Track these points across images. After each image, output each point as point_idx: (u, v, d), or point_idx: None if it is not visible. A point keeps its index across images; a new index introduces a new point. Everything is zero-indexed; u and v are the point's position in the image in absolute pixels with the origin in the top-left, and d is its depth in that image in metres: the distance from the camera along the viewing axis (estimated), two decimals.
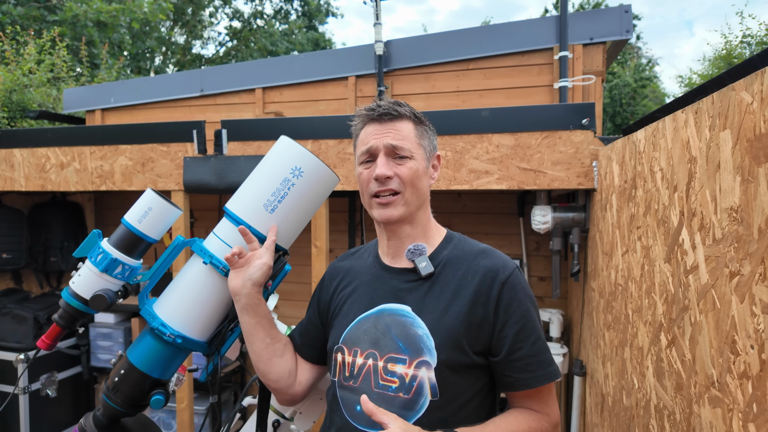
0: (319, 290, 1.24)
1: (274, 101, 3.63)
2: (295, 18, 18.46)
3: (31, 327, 2.94)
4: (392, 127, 1.06)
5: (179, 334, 1.10)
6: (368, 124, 1.09)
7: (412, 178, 1.05)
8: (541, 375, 1.01)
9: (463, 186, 2.11)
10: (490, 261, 1.07)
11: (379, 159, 1.05)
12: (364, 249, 1.25)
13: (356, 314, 1.10)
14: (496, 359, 1.02)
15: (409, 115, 1.08)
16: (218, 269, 1.11)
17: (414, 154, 1.06)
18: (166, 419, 3.00)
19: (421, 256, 1.06)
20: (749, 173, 0.70)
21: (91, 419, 1.12)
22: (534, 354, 1.02)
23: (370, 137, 1.07)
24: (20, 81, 6.24)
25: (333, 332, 1.14)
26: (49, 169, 2.65)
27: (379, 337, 1.04)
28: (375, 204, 1.07)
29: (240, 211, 1.12)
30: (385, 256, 1.14)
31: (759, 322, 0.67)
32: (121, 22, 10.95)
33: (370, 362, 1.03)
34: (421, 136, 1.10)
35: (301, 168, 1.11)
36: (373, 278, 1.13)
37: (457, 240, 1.15)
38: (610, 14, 3.00)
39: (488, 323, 1.02)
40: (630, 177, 1.39)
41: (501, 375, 1.04)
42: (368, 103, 1.13)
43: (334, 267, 1.24)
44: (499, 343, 1.02)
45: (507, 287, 1.03)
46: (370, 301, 1.10)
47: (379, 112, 1.07)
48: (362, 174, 1.08)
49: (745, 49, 11.99)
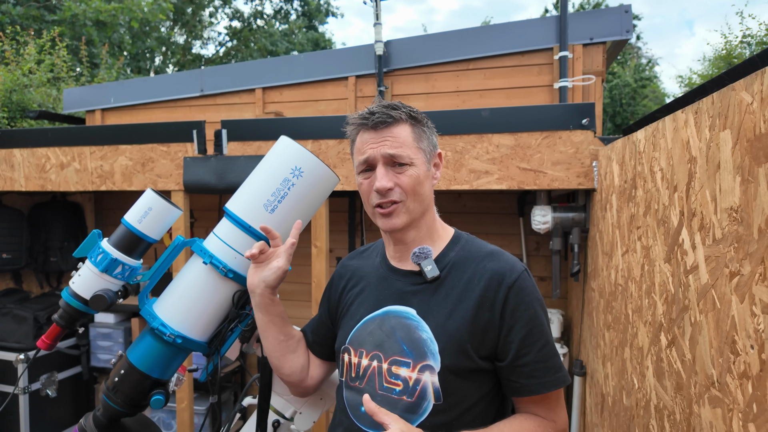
0: (328, 289, 1.24)
1: (274, 101, 3.63)
2: (295, 18, 18.46)
3: (31, 327, 2.94)
4: (389, 134, 1.02)
5: (179, 334, 1.10)
6: (364, 131, 1.05)
7: (414, 186, 1.02)
8: (548, 381, 0.99)
9: (463, 186, 2.11)
10: (497, 264, 1.04)
11: (378, 170, 1.02)
12: (372, 248, 1.24)
13: (362, 315, 1.10)
14: (502, 364, 1.01)
15: (405, 119, 1.04)
16: (218, 269, 1.11)
17: (413, 159, 1.02)
18: (166, 419, 3.00)
19: (426, 260, 1.05)
20: (749, 173, 0.70)
21: (91, 419, 1.12)
22: (541, 360, 0.99)
23: (366, 146, 1.03)
24: (20, 81, 6.25)
25: (341, 332, 1.14)
26: (49, 169, 2.65)
27: (384, 339, 1.04)
28: (378, 214, 1.05)
29: (240, 211, 1.12)
30: (392, 258, 1.14)
31: (759, 322, 0.67)
32: (120, 21, 10.95)
33: (375, 364, 1.03)
34: (419, 139, 1.05)
35: (301, 168, 1.11)
36: (380, 279, 1.13)
37: (465, 241, 1.12)
38: (610, 14, 3.00)
39: (494, 328, 1.00)
40: (630, 177, 1.39)
41: (507, 380, 1.02)
42: (368, 104, 1.12)
43: (343, 266, 1.24)
44: (505, 348, 1.00)
45: (513, 291, 1.01)
46: (376, 303, 1.09)
47: (374, 121, 1.02)
48: (363, 184, 1.06)
49: (745, 49, 11.99)
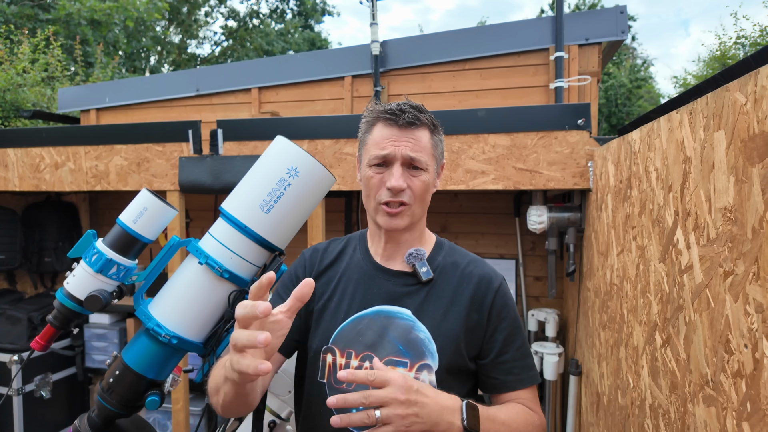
0: (294, 280, 1.16)
1: (270, 101, 3.62)
2: (291, 17, 18.43)
3: (25, 328, 2.92)
4: (411, 136, 1.02)
5: (174, 334, 1.10)
6: (386, 125, 1.03)
7: (423, 192, 1.04)
8: (525, 378, 1.06)
9: (460, 186, 2.11)
10: (481, 270, 1.11)
11: (395, 169, 1.01)
12: (346, 242, 1.19)
13: (348, 314, 1.08)
14: (484, 362, 1.06)
15: (428, 124, 1.04)
16: (214, 270, 1.10)
17: (428, 166, 1.03)
18: (162, 420, 2.99)
19: (421, 261, 1.07)
20: (743, 173, 0.70)
21: (85, 420, 1.12)
22: (519, 358, 1.07)
23: (387, 142, 1.02)
24: (14, 80, 6.20)
25: (319, 331, 1.09)
26: (43, 169, 2.63)
27: (376, 339, 1.03)
28: (382, 211, 1.04)
29: (236, 211, 1.12)
30: (378, 256, 1.12)
31: (752, 322, 0.67)
32: (115, 20, 10.90)
33: (367, 365, 1.02)
34: (436, 146, 1.06)
35: (297, 168, 1.11)
36: (365, 277, 1.10)
37: (448, 247, 1.16)
38: (605, 15, 3.01)
39: (481, 328, 1.05)
40: (625, 177, 1.40)
41: (486, 377, 1.07)
42: (365, 104, 1.11)
43: (311, 258, 1.17)
44: (489, 346, 1.06)
45: (499, 294, 1.08)
46: (363, 302, 1.07)
47: (404, 120, 1.01)
48: (373, 178, 1.03)
49: (739, 50, 12.07)
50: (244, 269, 1.14)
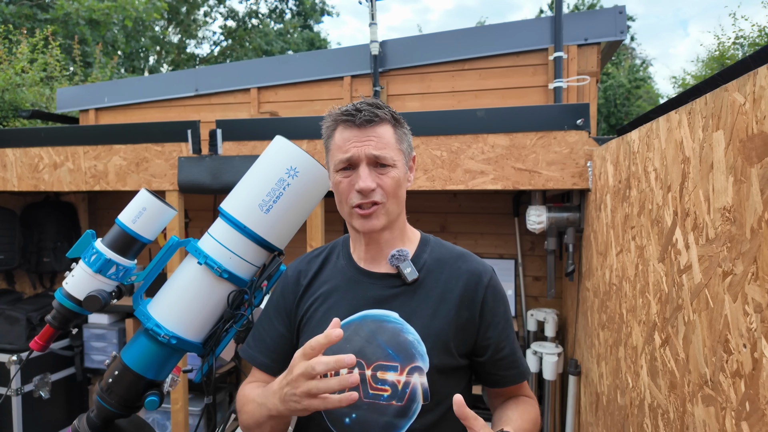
0: (281, 300, 1.13)
1: (270, 101, 3.62)
2: (290, 17, 18.43)
3: (24, 328, 2.92)
4: (373, 134, 0.99)
5: (174, 334, 1.10)
6: (345, 127, 1.01)
7: (395, 188, 1.01)
8: (525, 370, 1.10)
9: (459, 186, 2.11)
10: (471, 265, 1.08)
11: (362, 170, 0.99)
12: (329, 250, 1.17)
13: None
14: (482, 359, 1.06)
15: (388, 119, 1.02)
16: (213, 270, 1.10)
17: (396, 161, 1.01)
18: (161, 420, 2.98)
19: (405, 262, 1.04)
20: (742, 173, 0.70)
21: (84, 421, 1.12)
22: (514, 352, 1.08)
23: (349, 145, 0.99)
24: (13, 80, 6.19)
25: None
26: (42, 169, 2.63)
27: (364, 344, 1.00)
28: (356, 215, 1.02)
29: (235, 211, 1.12)
30: (361, 260, 1.10)
31: (751, 321, 0.67)
32: (114, 20, 10.88)
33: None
34: (401, 140, 1.03)
35: (296, 168, 1.11)
36: (350, 283, 1.08)
37: (434, 243, 1.13)
38: (604, 15, 3.01)
39: (473, 325, 1.04)
40: (624, 177, 1.40)
41: (487, 374, 1.07)
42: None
43: (296, 271, 1.15)
44: (484, 343, 1.05)
45: (490, 290, 1.06)
46: (350, 308, 1.05)
47: (360, 119, 0.99)
48: (341, 183, 1.01)
49: (738, 50, 12.09)
50: (244, 269, 1.14)
